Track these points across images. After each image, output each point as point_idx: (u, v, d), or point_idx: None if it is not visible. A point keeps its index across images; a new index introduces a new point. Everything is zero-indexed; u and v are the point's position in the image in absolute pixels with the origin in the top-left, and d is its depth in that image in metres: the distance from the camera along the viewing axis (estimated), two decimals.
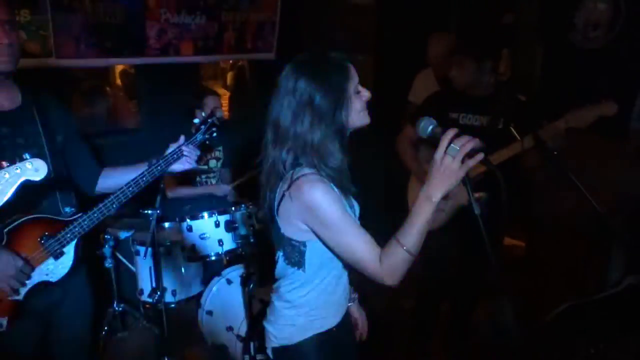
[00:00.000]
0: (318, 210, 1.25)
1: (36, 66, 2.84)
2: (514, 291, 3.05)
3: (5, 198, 1.29)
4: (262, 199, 1.41)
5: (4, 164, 1.29)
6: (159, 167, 1.72)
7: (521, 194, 3.15)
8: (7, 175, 1.28)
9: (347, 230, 1.26)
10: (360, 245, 1.26)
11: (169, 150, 1.76)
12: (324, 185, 1.26)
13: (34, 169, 1.31)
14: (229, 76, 5.48)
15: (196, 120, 1.85)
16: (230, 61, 5.07)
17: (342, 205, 1.28)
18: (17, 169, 1.29)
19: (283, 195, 1.31)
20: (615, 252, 2.82)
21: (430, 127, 1.25)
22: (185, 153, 1.75)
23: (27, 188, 1.34)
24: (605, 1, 3.08)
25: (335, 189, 1.30)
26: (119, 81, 4.43)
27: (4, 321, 1.55)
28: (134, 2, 3.18)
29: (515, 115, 2.21)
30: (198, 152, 1.81)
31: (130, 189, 1.68)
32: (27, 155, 1.32)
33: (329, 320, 1.45)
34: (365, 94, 1.34)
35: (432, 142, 1.21)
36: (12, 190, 1.30)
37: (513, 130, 2.13)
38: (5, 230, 1.53)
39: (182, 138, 1.79)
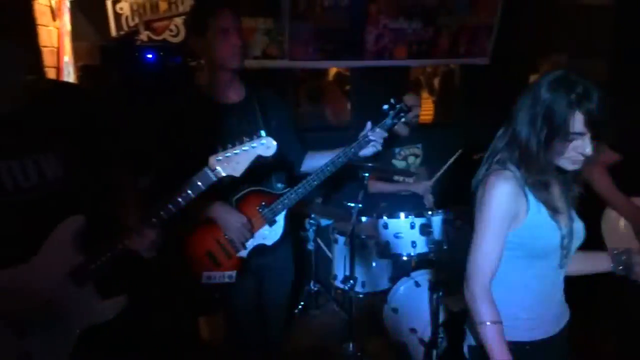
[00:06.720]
0: (483, 199, 1.32)
1: (272, 67, 3.29)
2: None
3: (244, 168, 1.51)
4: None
5: (245, 139, 1.51)
6: (352, 150, 1.90)
7: None
8: (246, 149, 1.50)
9: (488, 231, 1.31)
10: (481, 250, 1.32)
11: (361, 135, 1.93)
12: (508, 184, 1.30)
13: (266, 147, 1.51)
14: (436, 80, 5.46)
15: (385, 107, 1.95)
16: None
17: (506, 210, 1.31)
18: (254, 144, 1.50)
19: (480, 181, 1.39)
20: None
21: None
22: (371, 138, 1.89)
23: (251, 165, 1.54)
24: None
25: (529, 196, 1.33)
26: (334, 82, 4.82)
27: (234, 274, 1.88)
28: (358, 10, 3.41)
29: None
30: (385, 135, 1.93)
31: (328, 168, 1.90)
32: (262, 133, 1.52)
33: (519, 332, 1.38)
34: (586, 150, 1.26)
35: None
36: (249, 161, 1.51)
37: None
38: (234, 198, 1.87)
39: (368, 124, 1.93)
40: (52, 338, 1.48)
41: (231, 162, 1.47)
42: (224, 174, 1.48)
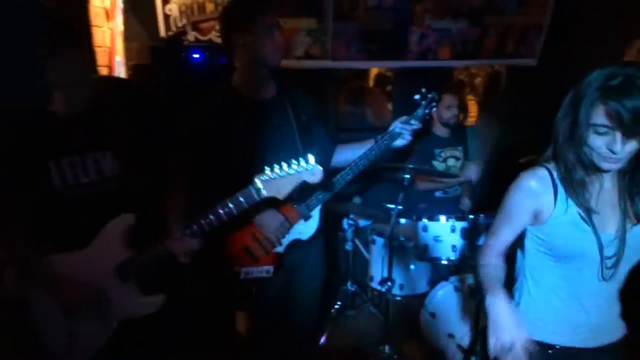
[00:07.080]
0: (507, 190, 1.34)
1: (315, 67, 3.31)
2: None
3: (288, 191, 1.49)
4: None
5: (292, 162, 1.47)
6: (385, 142, 1.89)
7: None
8: (292, 173, 1.47)
9: (502, 216, 1.36)
10: (492, 230, 1.39)
11: (392, 127, 1.92)
12: (532, 181, 1.29)
13: (312, 173, 1.48)
14: (478, 81, 5.33)
15: (417, 97, 1.94)
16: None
17: (521, 204, 1.31)
18: (300, 169, 1.47)
19: None
20: None
21: None
22: (397, 130, 1.89)
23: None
24: None
25: (560, 194, 1.28)
26: (375, 83, 4.78)
27: (271, 268, 1.91)
28: (402, 10, 3.38)
29: None
30: (418, 126, 1.92)
31: (362, 161, 1.89)
32: (310, 159, 1.48)
33: (543, 332, 1.34)
34: (616, 147, 1.15)
35: None
36: (294, 186, 1.49)
37: None
38: None
39: (403, 117, 1.92)
40: (93, 324, 1.56)
41: (276, 184, 1.48)
42: (267, 195, 1.49)
